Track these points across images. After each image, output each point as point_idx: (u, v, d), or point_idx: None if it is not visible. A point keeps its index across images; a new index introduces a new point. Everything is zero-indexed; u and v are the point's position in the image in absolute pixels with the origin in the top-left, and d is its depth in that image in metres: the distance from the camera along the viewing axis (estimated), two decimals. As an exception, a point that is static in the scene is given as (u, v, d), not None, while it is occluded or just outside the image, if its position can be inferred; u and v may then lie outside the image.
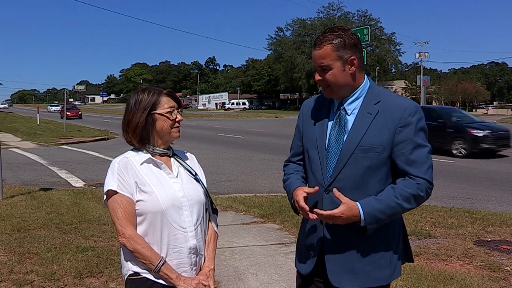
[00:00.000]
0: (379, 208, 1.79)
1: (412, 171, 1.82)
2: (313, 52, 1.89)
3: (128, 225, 1.79)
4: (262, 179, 10.42)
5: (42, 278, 4.03)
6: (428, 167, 1.83)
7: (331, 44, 1.82)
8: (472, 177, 10.49)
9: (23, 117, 45.30)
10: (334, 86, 1.88)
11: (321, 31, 1.97)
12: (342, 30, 1.85)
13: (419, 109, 1.87)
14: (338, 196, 1.80)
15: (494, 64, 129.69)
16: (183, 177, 1.93)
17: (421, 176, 1.81)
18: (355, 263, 1.88)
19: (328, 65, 1.84)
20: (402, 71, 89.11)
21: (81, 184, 9.63)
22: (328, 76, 1.86)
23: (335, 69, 1.84)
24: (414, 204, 1.83)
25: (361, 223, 1.79)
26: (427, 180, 1.82)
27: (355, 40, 1.85)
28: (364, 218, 1.78)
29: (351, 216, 1.78)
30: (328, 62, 1.84)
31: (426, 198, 1.84)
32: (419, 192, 1.81)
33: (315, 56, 1.88)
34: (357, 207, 1.78)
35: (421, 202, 1.86)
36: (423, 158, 1.83)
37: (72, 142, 20.02)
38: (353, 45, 1.84)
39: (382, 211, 1.79)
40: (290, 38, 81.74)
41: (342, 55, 1.83)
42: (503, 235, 5.49)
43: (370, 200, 1.81)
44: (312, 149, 1.97)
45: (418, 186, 1.80)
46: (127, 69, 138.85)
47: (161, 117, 1.87)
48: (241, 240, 5.40)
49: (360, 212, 1.78)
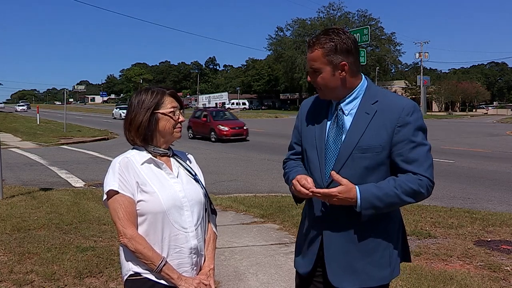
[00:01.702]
0: (377, 195, 1.78)
1: (413, 169, 1.81)
2: (307, 53, 1.89)
3: (130, 225, 1.79)
4: (262, 179, 10.42)
5: (42, 278, 4.03)
6: (429, 166, 1.83)
7: (322, 48, 1.82)
8: (472, 177, 10.49)
9: (23, 117, 45.31)
10: (324, 89, 1.88)
11: (321, 31, 1.96)
12: (335, 33, 1.84)
13: (417, 108, 1.87)
14: (337, 178, 1.78)
15: (494, 64, 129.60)
16: (183, 178, 1.93)
17: (423, 173, 1.81)
18: (355, 262, 1.88)
19: (318, 69, 1.85)
20: (402, 71, 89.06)
21: (81, 184, 9.63)
22: (319, 79, 1.87)
23: (324, 73, 1.84)
24: (413, 199, 1.82)
25: (357, 207, 1.78)
26: (428, 178, 1.81)
27: (348, 45, 1.83)
28: (360, 203, 1.77)
29: (348, 198, 1.76)
30: (318, 65, 1.84)
31: (426, 195, 1.83)
32: (420, 188, 1.80)
33: (308, 58, 1.88)
34: (355, 190, 1.77)
35: (420, 199, 1.85)
36: (423, 157, 1.82)
37: (72, 142, 20.02)
38: (345, 50, 1.82)
39: (379, 198, 1.77)
40: (290, 38, 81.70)
41: (332, 60, 1.82)
42: (503, 235, 5.49)
43: (369, 186, 1.80)
44: (310, 149, 1.97)
45: (420, 182, 1.80)
46: (127, 69, 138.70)
47: (164, 117, 1.87)
48: (241, 240, 5.40)
49: (357, 195, 1.77)
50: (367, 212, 1.78)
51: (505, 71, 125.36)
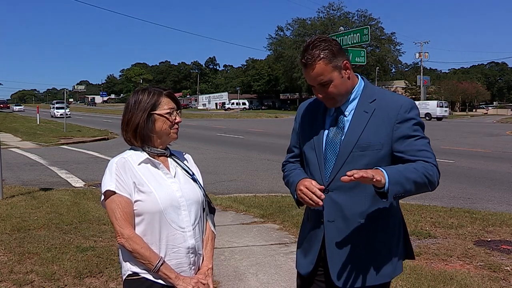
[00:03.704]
0: (400, 170, 1.74)
1: (422, 159, 1.82)
2: (307, 73, 1.87)
3: (127, 226, 1.79)
4: (262, 179, 10.41)
5: (42, 278, 4.03)
6: (434, 157, 1.85)
7: (322, 59, 1.82)
8: (472, 177, 10.48)
9: (23, 117, 45.32)
10: (337, 96, 1.88)
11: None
12: (323, 41, 1.85)
13: (415, 105, 1.91)
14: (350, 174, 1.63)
15: (494, 64, 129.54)
16: (181, 177, 1.93)
17: (433, 162, 1.81)
18: (356, 261, 1.89)
19: (328, 80, 1.84)
20: (402, 71, 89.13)
21: (81, 184, 9.63)
22: (331, 89, 1.86)
23: (335, 80, 1.85)
24: (430, 179, 1.78)
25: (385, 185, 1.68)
26: (437, 168, 1.82)
27: (339, 45, 1.88)
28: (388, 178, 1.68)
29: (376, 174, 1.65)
30: (327, 77, 1.84)
31: (436, 184, 1.81)
32: (434, 174, 1.79)
33: (311, 76, 1.85)
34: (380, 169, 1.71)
35: (432, 186, 1.81)
36: (427, 148, 1.84)
37: (72, 142, 20.02)
38: (339, 50, 1.86)
39: (403, 175, 1.72)
40: (290, 38, 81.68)
41: (336, 63, 1.84)
42: (503, 235, 5.48)
43: (392, 166, 1.79)
44: (309, 151, 1.98)
45: (432, 168, 1.80)
46: (127, 69, 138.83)
47: (161, 118, 1.87)
48: (241, 240, 5.40)
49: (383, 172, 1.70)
50: (396, 188, 1.70)
51: (505, 71, 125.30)
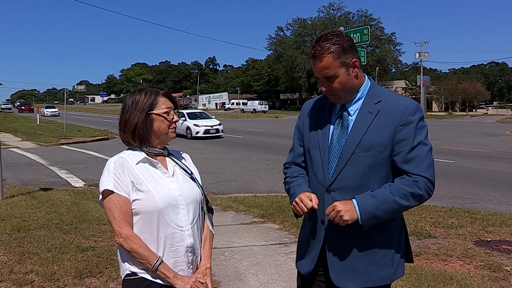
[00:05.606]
0: (375, 204, 1.79)
1: (410, 169, 1.82)
2: (314, 64, 1.87)
3: (125, 225, 1.79)
4: (262, 179, 10.42)
5: (42, 278, 4.03)
6: (428, 165, 1.82)
7: (331, 53, 1.81)
8: (472, 177, 10.48)
9: (23, 117, 45.32)
10: (341, 93, 1.88)
11: (322, 31, 1.97)
12: (336, 35, 1.84)
13: (420, 108, 1.88)
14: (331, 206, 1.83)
15: (494, 64, 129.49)
16: (179, 176, 1.93)
17: (420, 174, 1.80)
18: (357, 262, 1.88)
19: (333, 75, 1.84)
20: (402, 71, 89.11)
21: (81, 184, 9.63)
22: (335, 85, 1.86)
23: (341, 76, 1.84)
24: (412, 201, 1.82)
25: (358, 220, 1.79)
26: (427, 178, 1.80)
27: (351, 42, 1.86)
28: (360, 215, 1.78)
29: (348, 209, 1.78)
30: (332, 71, 1.83)
31: (426, 196, 1.82)
32: (417, 189, 1.80)
33: (317, 68, 1.86)
34: (353, 203, 1.80)
35: (422, 200, 1.84)
36: (423, 156, 1.82)
37: (72, 142, 20.04)
38: (351, 47, 1.85)
39: (377, 207, 1.79)
40: (290, 38, 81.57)
41: (344, 60, 1.83)
42: (503, 235, 5.49)
43: (366, 197, 1.81)
44: (314, 149, 1.98)
45: (415, 183, 1.80)
46: (127, 69, 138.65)
47: (159, 117, 1.87)
48: (241, 240, 5.40)
49: (356, 208, 1.79)
50: (369, 222, 1.80)
51: (505, 71, 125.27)
